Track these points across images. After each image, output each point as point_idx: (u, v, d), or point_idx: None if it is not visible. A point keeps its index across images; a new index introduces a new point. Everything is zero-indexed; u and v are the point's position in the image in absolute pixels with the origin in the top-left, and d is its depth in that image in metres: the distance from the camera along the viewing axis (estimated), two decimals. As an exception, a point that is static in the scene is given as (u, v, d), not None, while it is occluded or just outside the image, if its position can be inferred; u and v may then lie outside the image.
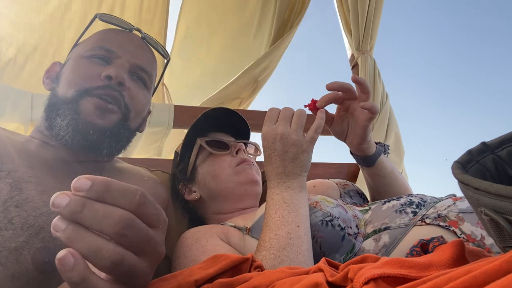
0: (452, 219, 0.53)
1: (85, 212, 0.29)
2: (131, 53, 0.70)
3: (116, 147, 0.66)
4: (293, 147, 0.60)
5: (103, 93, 0.63)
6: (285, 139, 0.61)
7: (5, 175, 0.54)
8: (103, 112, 0.63)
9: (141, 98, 0.70)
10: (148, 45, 0.76)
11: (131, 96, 0.67)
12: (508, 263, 0.18)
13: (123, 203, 0.31)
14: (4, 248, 0.48)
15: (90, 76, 0.64)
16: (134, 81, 0.70)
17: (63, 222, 0.29)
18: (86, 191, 0.30)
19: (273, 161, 0.62)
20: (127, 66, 0.68)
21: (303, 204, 0.60)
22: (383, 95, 1.45)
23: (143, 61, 0.71)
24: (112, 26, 0.75)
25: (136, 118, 0.70)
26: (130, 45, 0.71)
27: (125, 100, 0.66)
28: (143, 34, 0.76)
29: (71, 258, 0.28)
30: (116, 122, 0.65)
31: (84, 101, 0.62)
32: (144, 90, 0.72)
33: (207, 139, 0.83)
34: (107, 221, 0.29)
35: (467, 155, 0.31)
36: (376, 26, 1.49)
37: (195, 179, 0.83)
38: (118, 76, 0.64)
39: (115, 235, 0.29)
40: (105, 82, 0.64)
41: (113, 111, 0.64)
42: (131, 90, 0.67)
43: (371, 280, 0.26)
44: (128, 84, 0.66)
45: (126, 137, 0.68)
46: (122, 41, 0.71)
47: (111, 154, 0.66)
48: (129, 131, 0.69)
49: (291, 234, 0.54)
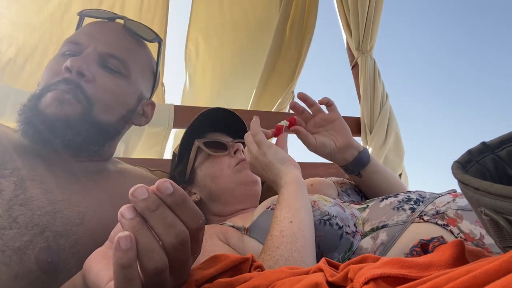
0: (451, 217, 0.53)
1: (156, 213, 0.31)
2: (99, 42, 0.66)
3: (74, 140, 0.61)
4: (257, 161, 0.68)
5: (59, 86, 0.61)
6: (252, 161, 0.69)
7: (9, 173, 0.53)
8: (60, 102, 0.60)
9: (111, 86, 0.66)
10: (129, 32, 0.72)
11: (98, 85, 0.64)
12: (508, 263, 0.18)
13: (188, 221, 0.32)
14: (8, 248, 0.48)
15: (55, 72, 0.63)
16: (105, 70, 0.66)
17: (132, 212, 0.31)
18: (166, 195, 0.31)
19: (266, 180, 0.68)
20: (94, 56, 0.64)
21: (294, 197, 0.59)
22: (383, 95, 1.45)
23: (115, 48, 0.67)
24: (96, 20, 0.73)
25: (110, 108, 0.66)
26: (100, 34, 0.68)
27: (86, 91, 0.62)
28: (125, 20, 0.72)
29: (129, 241, 0.29)
30: (74, 115, 0.61)
31: (44, 97, 0.61)
32: (118, 78, 0.67)
33: (204, 140, 0.82)
34: (170, 230, 0.31)
35: (467, 155, 0.31)
36: (376, 26, 1.49)
37: (194, 181, 0.83)
38: (75, 66, 0.61)
39: (170, 245, 0.31)
40: (65, 75, 0.62)
41: (70, 102, 0.60)
42: (98, 79, 0.64)
43: (371, 280, 0.26)
44: (92, 74, 0.63)
45: (90, 130, 0.63)
46: (93, 31, 0.68)
47: (66, 146, 0.61)
48: (98, 124, 0.64)
49: (284, 231, 0.54)
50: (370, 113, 1.41)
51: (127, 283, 0.29)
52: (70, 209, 0.57)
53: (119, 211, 0.31)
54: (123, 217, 0.30)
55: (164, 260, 0.31)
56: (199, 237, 0.34)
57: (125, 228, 0.30)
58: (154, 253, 0.30)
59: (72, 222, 0.56)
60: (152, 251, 0.30)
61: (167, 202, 0.31)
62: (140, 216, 0.31)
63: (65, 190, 0.58)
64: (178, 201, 0.32)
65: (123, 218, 0.30)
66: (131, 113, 0.72)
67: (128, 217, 0.30)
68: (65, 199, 0.57)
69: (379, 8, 1.48)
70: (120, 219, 0.31)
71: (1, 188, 0.51)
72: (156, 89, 0.82)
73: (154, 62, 0.79)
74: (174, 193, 0.32)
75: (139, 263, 0.30)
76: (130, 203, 0.31)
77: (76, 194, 0.60)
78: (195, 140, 0.83)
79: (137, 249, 0.30)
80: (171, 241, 0.31)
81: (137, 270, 0.30)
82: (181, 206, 0.32)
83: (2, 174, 0.52)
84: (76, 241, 0.55)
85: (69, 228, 0.55)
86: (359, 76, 1.48)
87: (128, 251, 0.29)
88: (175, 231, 0.31)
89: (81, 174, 0.64)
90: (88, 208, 0.59)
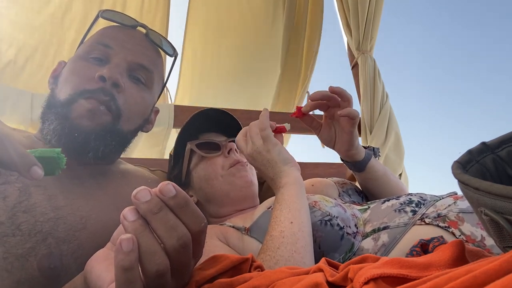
0: (452, 219, 0.53)
1: (159, 215, 0.31)
2: (129, 51, 0.67)
3: (104, 151, 0.63)
4: (259, 155, 0.66)
5: (96, 96, 0.61)
6: (252, 154, 0.67)
7: (15, 180, 0.53)
8: (93, 114, 0.61)
9: (138, 98, 0.68)
10: (151, 43, 0.73)
11: (126, 97, 0.65)
12: (508, 263, 0.18)
13: (190, 224, 0.32)
14: (10, 254, 0.48)
15: (86, 78, 0.63)
16: (132, 81, 0.68)
17: (134, 215, 0.31)
18: (169, 198, 0.31)
19: (263, 175, 0.67)
20: (124, 65, 0.66)
21: (295, 198, 0.59)
22: (383, 95, 1.45)
23: (143, 59, 0.69)
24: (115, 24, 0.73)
25: (132, 119, 0.68)
26: (129, 42, 0.69)
27: (118, 103, 0.64)
28: (147, 30, 0.73)
29: (131, 243, 0.29)
30: (105, 125, 0.62)
31: (78, 103, 0.61)
32: (144, 90, 0.70)
33: (197, 142, 0.82)
34: (172, 233, 0.31)
35: (467, 155, 0.31)
36: (376, 26, 1.49)
37: (190, 183, 0.82)
38: (112, 77, 0.62)
39: (172, 248, 0.31)
40: (99, 83, 0.62)
41: (103, 113, 0.62)
42: (127, 91, 0.65)
43: (371, 280, 0.26)
44: (123, 85, 0.64)
45: (116, 140, 0.65)
46: (122, 38, 0.68)
47: (98, 157, 0.63)
48: (121, 133, 0.66)
49: (284, 232, 0.54)
50: (370, 113, 1.41)
51: (128, 285, 0.29)
52: (73, 215, 0.57)
53: (122, 213, 0.31)
54: (125, 219, 0.30)
55: (166, 263, 0.31)
56: (201, 240, 0.34)
57: (127, 230, 0.30)
58: (156, 256, 0.30)
59: (75, 227, 0.56)
60: (154, 253, 0.30)
61: (169, 205, 0.32)
62: (143, 219, 0.31)
63: (68, 195, 0.58)
64: (181, 203, 0.32)
65: (125, 220, 0.30)
66: (145, 122, 0.74)
67: (130, 219, 0.30)
68: (68, 205, 0.57)
69: (379, 8, 1.47)
70: (122, 221, 0.31)
71: (6, 195, 0.51)
72: (161, 95, 0.83)
73: (164, 70, 0.80)
74: (177, 196, 0.32)
75: (141, 265, 0.30)
76: (133, 205, 0.31)
77: (79, 198, 0.60)
78: (188, 143, 0.82)
79: (139, 251, 0.30)
80: (173, 244, 0.31)
81: (139, 273, 0.30)
82: (183, 208, 0.32)
83: (7, 180, 0.52)
84: (78, 246, 0.55)
85: (71, 234, 0.55)
86: (359, 76, 1.47)
87: (130, 253, 0.29)
88: (177, 233, 0.31)
89: (85, 178, 0.64)
90: (91, 212, 0.59)
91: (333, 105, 0.74)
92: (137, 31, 0.74)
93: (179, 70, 1.76)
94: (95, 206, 0.61)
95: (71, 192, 0.59)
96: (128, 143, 0.72)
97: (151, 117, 0.77)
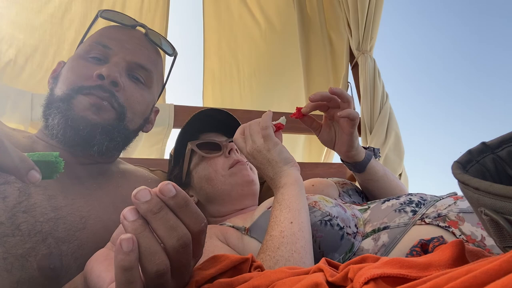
0: (452, 219, 0.53)
1: (159, 215, 0.31)
2: (129, 51, 0.67)
3: (108, 146, 0.63)
4: (259, 154, 0.66)
5: (95, 92, 0.61)
6: (252, 152, 0.67)
7: (14, 180, 0.53)
8: (97, 108, 0.61)
9: (138, 97, 0.68)
10: (151, 42, 0.73)
11: (126, 96, 0.65)
12: (508, 263, 0.18)
13: (190, 224, 0.32)
14: (10, 255, 0.48)
15: (84, 76, 0.63)
16: (131, 80, 0.68)
17: (135, 214, 0.31)
18: (169, 198, 0.31)
19: (263, 174, 0.67)
20: (123, 65, 0.66)
21: (295, 198, 0.59)
22: (383, 95, 1.45)
23: (142, 59, 0.69)
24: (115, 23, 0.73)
25: (135, 118, 0.68)
26: (128, 42, 0.69)
27: (120, 100, 0.64)
28: (147, 30, 0.73)
29: (131, 243, 0.29)
30: (110, 121, 0.63)
31: (78, 98, 0.61)
32: (143, 89, 0.70)
33: (198, 142, 0.82)
34: (172, 233, 0.31)
35: (467, 155, 0.31)
36: (376, 26, 1.49)
37: (190, 183, 0.82)
38: (111, 75, 0.62)
39: (172, 248, 0.31)
40: (98, 81, 0.62)
41: (107, 109, 0.62)
42: (126, 90, 0.65)
43: (371, 280, 0.26)
44: (122, 84, 0.64)
45: (121, 137, 0.65)
46: (121, 38, 0.69)
47: (102, 152, 0.63)
48: (126, 132, 0.67)
49: (284, 232, 0.54)
50: (370, 113, 1.41)
51: (128, 285, 0.29)
52: (73, 215, 0.57)
53: (122, 213, 0.31)
54: (126, 219, 0.30)
55: (166, 263, 0.31)
56: (201, 240, 0.34)
57: (127, 230, 0.30)
58: (156, 256, 0.30)
59: (75, 227, 0.56)
60: (154, 253, 0.30)
61: (169, 205, 0.31)
62: (143, 219, 0.31)
63: (68, 195, 0.58)
64: (181, 203, 0.32)
65: (125, 220, 0.30)
66: (145, 121, 0.75)
67: (130, 219, 0.30)
68: (68, 205, 0.57)
69: (379, 8, 1.47)
70: (122, 221, 0.31)
71: (6, 195, 0.51)
72: (161, 95, 0.83)
73: (163, 69, 0.80)
74: (177, 196, 0.32)
75: (141, 265, 0.30)
76: (133, 205, 0.31)
77: (79, 198, 0.60)
78: (188, 142, 0.82)
79: (139, 251, 0.30)
80: (173, 244, 0.31)
81: (139, 273, 0.30)
82: (183, 209, 0.32)
83: (7, 180, 0.52)
84: (78, 246, 0.55)
85: (71, 234, 0.55)
86: (359, 76, 1.47)
87: (130, 253, 0.29)
88: (177, 233, 0.31)
89: (85, 177, 0.64)
90: (91, 212, 0.59)
91: (333, 106, 0.74)
92: (137, 30, 0.74)
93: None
94: (95, 205, 0.61)
95: (71, 192, 0.59)
96: (130, 142, 0.72)
97: (151, 117, 0.77)
